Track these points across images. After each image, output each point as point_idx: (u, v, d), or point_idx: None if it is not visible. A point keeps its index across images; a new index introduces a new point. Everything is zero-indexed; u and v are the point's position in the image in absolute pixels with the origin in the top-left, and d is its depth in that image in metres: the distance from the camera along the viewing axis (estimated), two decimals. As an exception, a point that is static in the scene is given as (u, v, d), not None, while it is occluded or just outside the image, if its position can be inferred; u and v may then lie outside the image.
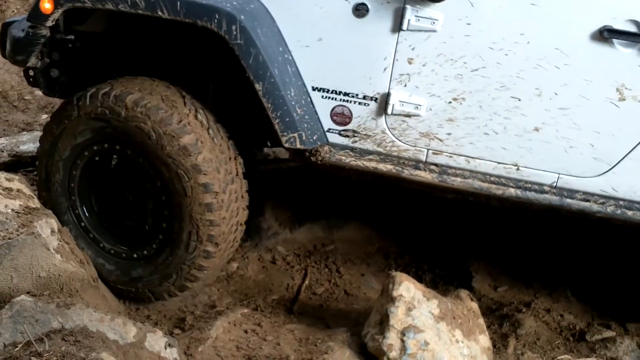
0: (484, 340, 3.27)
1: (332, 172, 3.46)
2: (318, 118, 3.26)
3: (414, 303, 3.15)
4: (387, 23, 3.05)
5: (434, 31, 3.02)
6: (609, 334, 3.65)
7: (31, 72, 3.57)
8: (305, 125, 3.22)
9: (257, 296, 3.86)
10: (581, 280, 4.05)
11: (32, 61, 3.40)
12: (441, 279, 4.10)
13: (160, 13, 3.07)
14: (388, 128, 3.22)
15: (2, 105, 6.55)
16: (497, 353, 3.48)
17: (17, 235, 2.92)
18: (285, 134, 3.20)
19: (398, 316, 3.14)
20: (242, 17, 3.05)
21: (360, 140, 3.27)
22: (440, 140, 3.20)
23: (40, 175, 3.55)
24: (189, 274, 3.40)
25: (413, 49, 3.07)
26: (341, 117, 3.24)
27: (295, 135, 3.21)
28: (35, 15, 3.22)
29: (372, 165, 3.28)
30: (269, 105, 3.14)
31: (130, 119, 3.17)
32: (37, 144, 5.06)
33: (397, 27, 3.04)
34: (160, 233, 3.39)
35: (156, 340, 2.80)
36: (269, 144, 4.11)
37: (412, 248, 4.34)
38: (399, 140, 3.24)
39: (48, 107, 6.69)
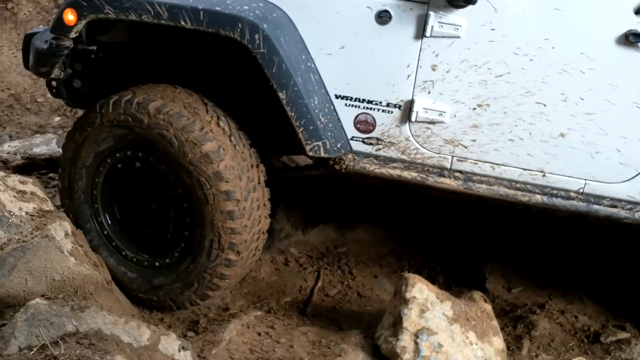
0: (498, 342, 3.26)
1: (355, 179, 3.44)
2: (341, 126, 3.25)
3: (427, 305, 3.15)
4: (410, 30, 3.04)
5: (458, 37, 3.01)
6: (623, 335, 3.63)
7: (54, 83, 3.57)
8: (329, 133, 3.22)
9: (270, 298, 3.86)
10: (595, 281, 4.03)
11: (56, 72, 3.39)
12: (454, 281, 4.09)
13: (183, 23, 3.08)
14: (412, 135, 3.21)
15: (15, 108, 6.58)
16: (511, 355, 3.47)
17: (31, 238, 2.93)
18: (309, 142, 3.19)
19: (411, 318, 3.13)
20: (265, 25, 3.05)
21: (384, 147, 3.26)
22: (465, 147, 3.18)
23: (62, 183, 3.56)
24: (210, 282, 3.38)
25: (437, 55, 3.06)
26: (365, 125, 3.23)
27: (319, 143, 3.20)
28: (59, 26, 3.23)
29: (396, 173, 3.26)
30: (293, 113, 3.13)
31: (153, 126, 3.17)
32: (50, 147, 5.10)
33: (420, 33, 3.03)
34: (182, 241, 3.39)
35: (170, 343, 2.80)
36: (290, 151, 4.10)
37: (425, 249, 4.33)
38: (423, 148, 3.22)
39: (60, 110, 6.72)
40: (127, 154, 3.35)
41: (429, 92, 3.12)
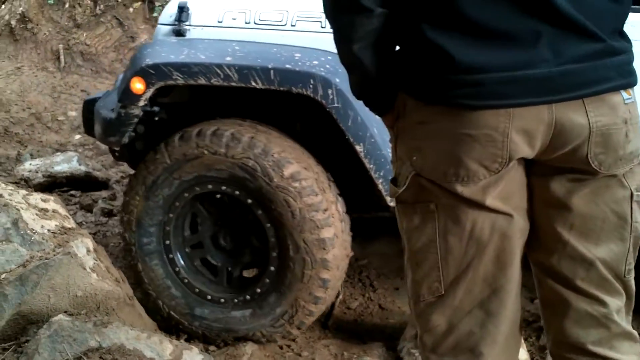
0: (522, 352, 3.24)
1: None
2: None
3: (449, 316, 3.14)
4: None
5: None
6: (648, 344, 3.60)
7: (116, 147, 3.50)
8: None
9: (292, 312, 3.85)
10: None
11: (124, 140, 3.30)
12: (476, 292, 4.07)
13: (254, 84, 3.03)
14: None
15: (36, 127, 6.64)
16: (535, 365, 3.45)
17: (54, 255, 2.95)
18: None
19: (433, 330, 3.12)
20: (337, 79, 2.99)
21: None
22: None
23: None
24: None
25: None
26: None
27: None
28: (127, 96, 3.16)
29: None
30: (372, 165, 3.06)
31: (281, 189, 3.11)
32: (71, 165, 5.13)
33: None
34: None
35: (192, 358, 2.81)
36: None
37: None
38: None
39: (81, 128, 6.76)
40: (209, 188, 3.26)
41: None
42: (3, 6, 8.29)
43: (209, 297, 3.37)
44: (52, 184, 5.19)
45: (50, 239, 3.05)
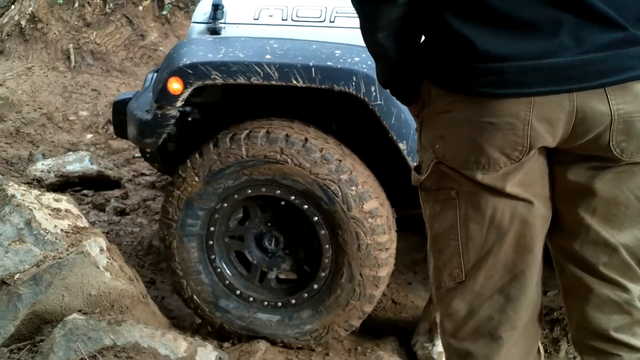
0: (535, 345, 3.23)
1: None
2: None
3: (462, 310, 3.13)
4: None
5: None
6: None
7: (153, 149, 3.41)
8: None
9: (305, 307, 3.86)
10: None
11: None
12: (489, 285, 4.06)
13: (295, 82, 2.96)
14: None
15: (47, 127, 6.66)
16: (549, 358, 3.44)
17: (67, 254, 2.96)
18: None
19: (447, 323, 3.12)
20: None
21: None
22: None
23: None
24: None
25: None
26: None
27: None
28: (164, 96, 3.07)
29: None
30: (414, 163, 2.96)
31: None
32: (83, 164, 5.14)
33: None
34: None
35: (207, 354, 2.82)
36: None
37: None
38: None
39: (92, 127, 6.80)
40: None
41: None
42: (13, 6, 8.32)
43: (238, 292, 3.33)
44: (64, 184, 5.20)
45: (64, 239, 3.06)
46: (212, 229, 3.29)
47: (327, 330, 3.24)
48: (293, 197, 3.13)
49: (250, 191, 3.18)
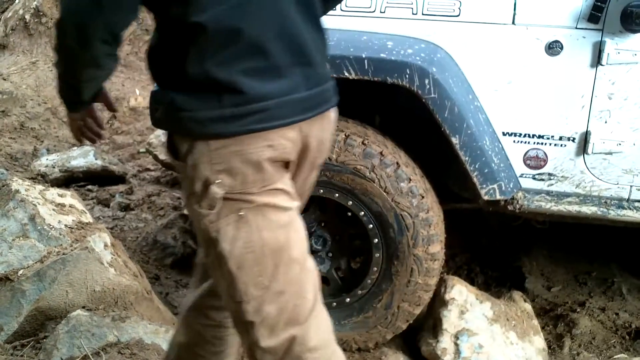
0: (539, 341, 3.23)
1: (525, 218, 3.34)
2: (510, 164, 3.08)
3: (466, 306, 3.14)
4: (584, 59, 2.90)
5: (636, 63, 2.87)
6: (667, 331, 3.59)
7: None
8: (502, 174, 3.06)
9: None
10: (636, 277, 3.98)
11: None
12: (494, 281, 4.06)
13: (347, 74, 2.91)
14: (587, 168, 3.06)
15: (52, 122, 6.65)
16: (553, 354, 3.44)
17: (71, 250, 2.96)
18: (484, 186, 3.04)
19: (451, 320, 3.13)
20: (434, 69, 2.88)
21: (556, 182, 3.11)
22: None
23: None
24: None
25: (613, 83, 2.92)
26: (535, 161, 3.07)
27: (495, 186, 3.04)
28: None
29: (574, 208, 3.08)
30: (467, 158, 2.98)
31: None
32: (87, 159, 5.12)
33: (595, 62, 2.89)
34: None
35: (210, 351, 2.81)
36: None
37: (464, 250, 4.31)
38: (600, 180, 3.08)
39: (96, 122, 6.77)
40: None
41: (606, 122, 2.97)
42: (17, 0, 8.30)
43: None
44: (69, 179, 5.19)
45: (68, 234, 3.06)
46: None
47: (341, 344, 3.20)
48: (363, 213, 3.11)
49: (321, 191, 3.13)
